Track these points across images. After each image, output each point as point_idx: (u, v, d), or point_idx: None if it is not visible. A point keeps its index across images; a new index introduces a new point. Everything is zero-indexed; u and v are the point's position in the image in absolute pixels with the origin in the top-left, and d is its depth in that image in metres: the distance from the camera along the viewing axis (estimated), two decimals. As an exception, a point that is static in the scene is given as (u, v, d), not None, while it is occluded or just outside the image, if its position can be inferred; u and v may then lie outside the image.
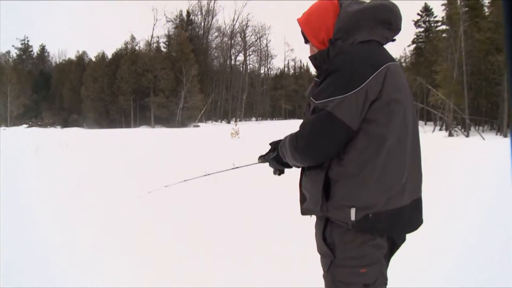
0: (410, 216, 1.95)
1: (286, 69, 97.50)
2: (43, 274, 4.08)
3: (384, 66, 1.86)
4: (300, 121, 2.02)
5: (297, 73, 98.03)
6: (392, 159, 1.87)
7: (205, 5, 74.30)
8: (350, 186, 1.86)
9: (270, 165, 2.32)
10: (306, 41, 2.18)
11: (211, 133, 33.34)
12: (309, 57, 2.11)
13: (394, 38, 2.05)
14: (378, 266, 1.92)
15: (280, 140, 2.17)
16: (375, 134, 1.85)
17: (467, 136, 34.77)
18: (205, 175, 3.24)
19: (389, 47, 2.06)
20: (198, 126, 58.50)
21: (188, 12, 73.30)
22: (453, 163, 12.34)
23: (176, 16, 71.86)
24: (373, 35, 1.95)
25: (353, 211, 1.83)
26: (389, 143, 1.86)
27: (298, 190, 2.15)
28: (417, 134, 2.05)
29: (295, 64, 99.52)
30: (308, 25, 2.08)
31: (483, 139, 29.46)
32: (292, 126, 1.99)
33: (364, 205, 1.84)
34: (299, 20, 2.13)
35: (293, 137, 1.97)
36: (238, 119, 67.88)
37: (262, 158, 2.33)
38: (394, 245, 2.07)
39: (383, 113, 1.85)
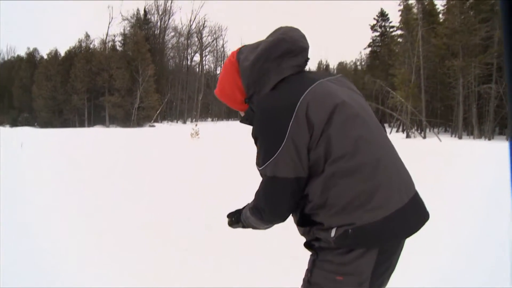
0: (405, 220, 1.76)
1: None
2: (43, 274, 4.02)
3: (300, 100, 1.72)
4: None
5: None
6: (359, 175, 1.71)
7: (162, 4, 73.58)
8: (325, 213, 1.75)
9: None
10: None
11: (169, 134, 33.31)
12: (240, 121, 2.05)
13: (307, 58, 1.93)
14: (357, 279, 1.74)
15: (238, 211, 2.16)
16: (324, 158, 1.72)
17: (424, 137, 35.73)
18: None
19: (347, 50, 1.79)
20: (154, 126, 58.01)
21: (145, 11, 72.43)
22: (422, 163, 12.49)
23: (133, 15, 70.85)
24: (283, 72, 1.85)
25: (333, 230, 1.72)
26: (359, 159, 1.71)
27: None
28: (384, 135, 1.88)
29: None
30: (224, 93, 1.99)
31: (440, 140, 30.30)
32: (248, 127, 1.81)
33: (343, 223, 1.71)
34: (216, 93, 2.04)
35: (254, 211, 1.96)
36: (194, 120, 67.69)
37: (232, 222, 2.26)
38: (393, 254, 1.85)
39: (332, 133, 1.71)
